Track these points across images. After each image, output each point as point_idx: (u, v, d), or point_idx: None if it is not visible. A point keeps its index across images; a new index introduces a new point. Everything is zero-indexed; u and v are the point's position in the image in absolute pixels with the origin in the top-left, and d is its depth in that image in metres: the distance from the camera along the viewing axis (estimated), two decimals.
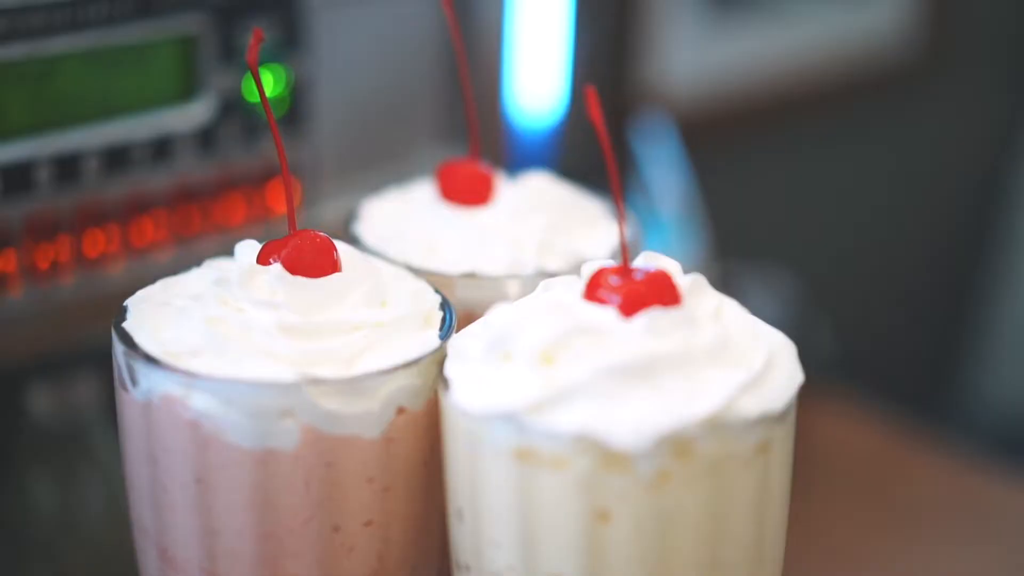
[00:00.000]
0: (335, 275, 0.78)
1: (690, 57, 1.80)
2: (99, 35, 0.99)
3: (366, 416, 0.74)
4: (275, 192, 1.11)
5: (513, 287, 0.84)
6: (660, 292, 0.71)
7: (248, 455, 0.73)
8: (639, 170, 1.48)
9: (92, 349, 1.10)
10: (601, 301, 0.72)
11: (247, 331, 0.75)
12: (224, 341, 0.74)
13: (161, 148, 1.04)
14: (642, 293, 0.71)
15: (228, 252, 1.07)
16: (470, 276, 0.85)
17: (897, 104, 2.19)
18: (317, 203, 1.13)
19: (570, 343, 0.70)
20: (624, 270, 0.73)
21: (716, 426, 0.68)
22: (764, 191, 2.02)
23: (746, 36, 1.88)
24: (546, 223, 0.88)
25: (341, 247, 0.80)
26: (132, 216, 1.04)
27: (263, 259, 0.78)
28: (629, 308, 0.71)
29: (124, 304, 0.79)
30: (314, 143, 1.13)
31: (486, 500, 0.72)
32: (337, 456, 0.74)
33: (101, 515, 1.14)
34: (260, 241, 0.81)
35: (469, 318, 0.83)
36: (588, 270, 0.74)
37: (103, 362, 1.12)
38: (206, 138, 1.07)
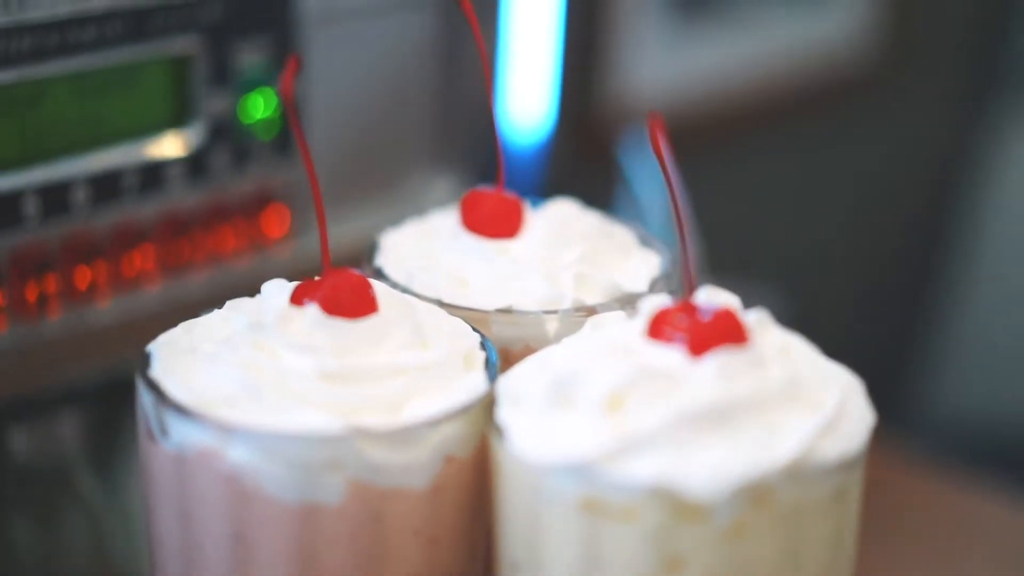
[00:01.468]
0: (374, 316, 0.74)
1: (658, 68, 1.78)
2: (88, 59, 0.95)
3: (414, 466, 0.70)
4: (269, 221, 1.07)
5: (552, 323, 0.80)
6: (728, 331, 0.68)
7: (289, 510, 0.69)
8: (627, 185, 1.45)
9: (78, 387, 1.05)
10: (667, 341, 0.69)
11: (285, 377, 0.70)
12: (261, 388, 0.70)
13: (151, 176, 1.00)
14: (710, 333, 0.67)
15: (220, 283, 1.03)
16: (506, 312, 0.81)
17: (862, 110, 2.19)
18: (307, 231, 1.09)
19: (637, 387, 0.66)
20: (688, 307, 0.69)
21: (795, 473, 0.65)
22: (733, 200, 2.00)
23: (712, 46, 1.87)
24: (580, 254, 0.84)
25: (374, 284, 0.76)
26: (121, 247, 0.99)
27: (296, 300, 0.74)
28: (697, 349, 0.67)
29: (147, 350, 0.75)
30: (304, 167, 1.08)
31: (546, 551, 0.68)
32: (384, 509, 0.70)
33: (85, 556, 1.10)
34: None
35: (505, 355, 0.80)
36: (650, 308, 0.71)
37: (88, 400, 1.08)
38: (198, 165, 1.02)
